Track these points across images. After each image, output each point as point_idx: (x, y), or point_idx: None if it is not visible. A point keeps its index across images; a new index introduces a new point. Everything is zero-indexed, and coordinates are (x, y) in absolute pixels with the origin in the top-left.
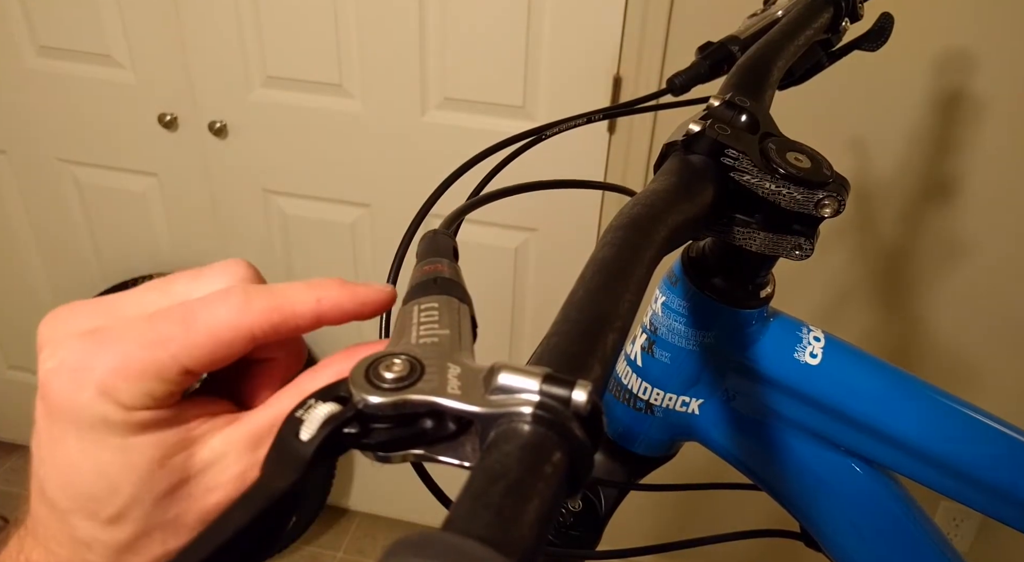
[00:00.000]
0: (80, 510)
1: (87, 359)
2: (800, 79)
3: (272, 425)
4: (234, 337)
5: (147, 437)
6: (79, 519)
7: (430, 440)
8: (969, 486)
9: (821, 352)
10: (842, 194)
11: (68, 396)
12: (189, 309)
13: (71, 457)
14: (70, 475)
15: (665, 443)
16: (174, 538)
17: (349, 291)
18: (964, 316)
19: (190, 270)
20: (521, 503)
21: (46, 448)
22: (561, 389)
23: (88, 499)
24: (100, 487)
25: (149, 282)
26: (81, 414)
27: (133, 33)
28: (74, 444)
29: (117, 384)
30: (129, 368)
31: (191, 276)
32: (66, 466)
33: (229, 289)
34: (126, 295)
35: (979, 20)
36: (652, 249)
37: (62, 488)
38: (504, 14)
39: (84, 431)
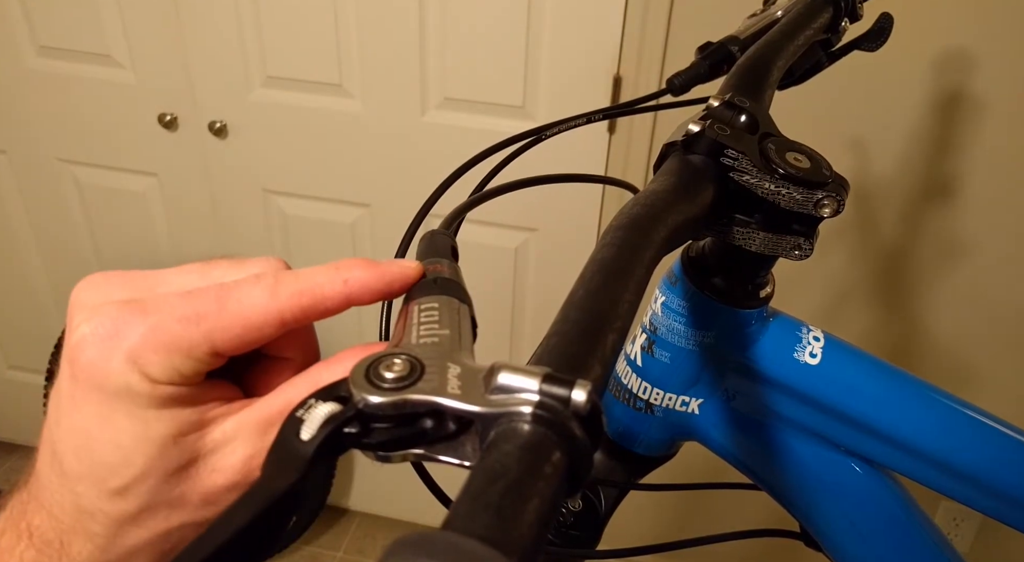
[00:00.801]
0: (89, 477)
1: (120, 328)
2: (800, 79)
3: (282, 412)
4: (265, 320)
5: (166, 413)
6: (86, 487)
7: (430, 440)
8: (969, 486)
9: (821, 352)
10: (841, 194)
11: (97, 362)
12: (223, 289)
13: (89, 423)
14: (86, 441)
15: (665, 443)
16: (177, 515)
17: (376, 270)
18: (964, 316)
19: (232, 258)
20: (521, 503)
21: (65, 411)
22: (561, 389)
23: (100, 467)
24: (114, 457)
25: (189, 265)
26: (107, 381)
27: (133, 33)
28: (94, 410)
29: (147, 356)
30: (160, 341)
31: (232, 264)
32: (83, 431)
33: (260, 274)
34: (164, 272)
35: (978, 20)
36: (652, 249)
37: (75, 452)
38: (504, 14)
39: (107, 399)
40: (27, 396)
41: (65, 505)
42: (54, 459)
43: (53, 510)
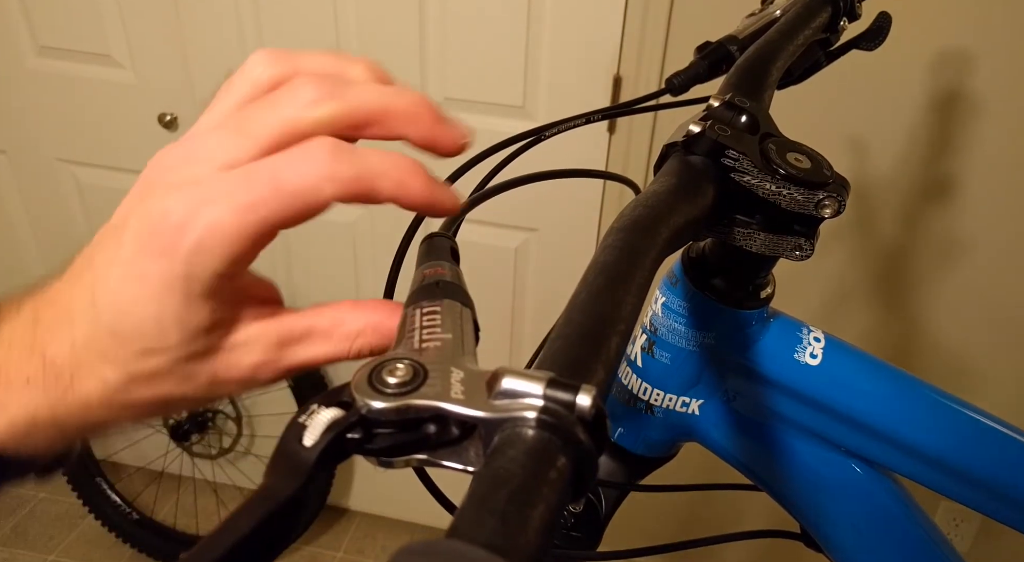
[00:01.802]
0: (120, 331)
1: (189, 217)
2: (799, 78)
3: (303, 333)
4: (317, 201)
5: (210, 304)
6: (113, 337)
7: (433, 445)
8: (969, 486)
9: (821, 352)
10: (842, 194)
11: (164, 243)
12: (276, 171)
13: (138, 292)
14: (131, 307)
15: (665, 444)
16: (183, 387)
17: (428, 188)
18: (964, 316)
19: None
20: (527, 509)
21: (120, 266)
22: (565, 393)
23: (136, 331)
24: (150, 327)
25: (224, 119)
26: (169, 265)
27: (133, 33)
28: (148, 282)
29: (212, 246)
30: (225, 231)
31: (265, 105)
32: (130, 294)
33: (315, 150)
34: (208, 140)
35: (977, 20)
36: (654, 251)
37: (114, 306)
38: (504, 14)
39: (163, 278)
40: None
41: (90, 346)
42: (93, 304)
43: (76, 345)
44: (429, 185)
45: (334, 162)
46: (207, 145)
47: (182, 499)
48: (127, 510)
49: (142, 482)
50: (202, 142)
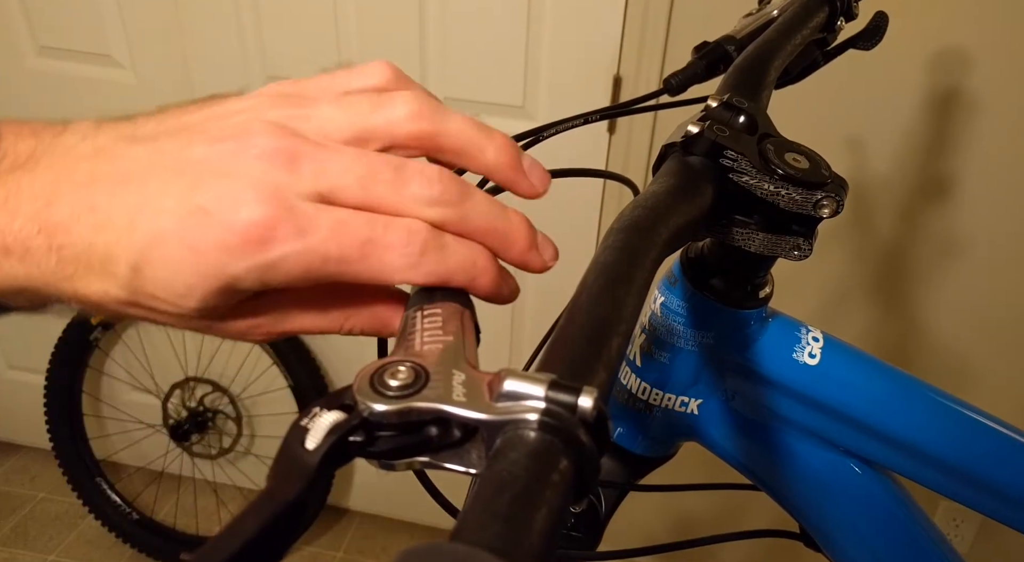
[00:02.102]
0: (143, 275)
1: (271, 233)
2: (796, 78)
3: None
4: (386, 280)
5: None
6: (134, 273)
7: (435, 447)
8: (968, 486)
9: (820, 352)
10: (840, 194)
11: (236, 242)
12: (372, 241)
13: (183, 259)
14: (165, 263)
15: (664, 443)
16: (177, 323)
17: (495, 286)
18: (962, 315)
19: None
20: (530, 512)
21: (181, 224)
22: (567, 396)
23: (158, 282)
24: (174, 290)
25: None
26: (229, 262)
27: (133, 33)
28: (199, 260)
29: (276, 275)
30: (296, 266)
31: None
32: (174, 256)
33: (414, 240)
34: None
35: (974, 19)
36: (654, 251)
37: (150, 253)
38: (504, 14)
39: (215, 267)
40: (27, 396)
41: (107, 263)
42: (129, 228)
43: (92, 251)
44: (496, 283)
45: (422, 258)
46: (332, 159)
47: (182, 499)
48: (127, 510)
49: (142, 482)
50: (329, 154)
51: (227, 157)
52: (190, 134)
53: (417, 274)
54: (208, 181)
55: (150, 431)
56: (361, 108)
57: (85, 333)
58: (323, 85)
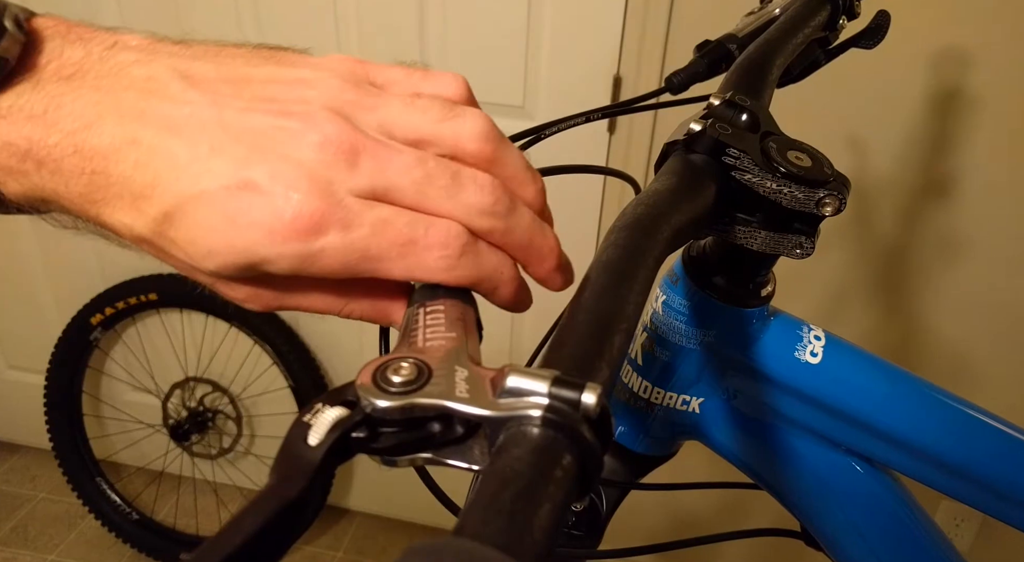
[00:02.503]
0: (173, 218)
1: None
2: (798, 77)
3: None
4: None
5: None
6: (164, 221)
7: (438, 444)
8: (970, 485)
9: (822, 351)
10: (843, 192)
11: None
12: (413, 241)
13: (216, 226)
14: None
15: (666, 442)
16: (187, 273)
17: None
18: (965, 314)
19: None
20: (533, 507)
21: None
22: (570, 392)
23: (184, 240)
24: (198, 252)
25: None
26: (263, 243)
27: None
28: (233, 232)
29: (312, 263)
30: (335, 260)
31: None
32: (207, 223)
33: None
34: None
35: (976, 18)
36: (656, 249)
37: (184, 211)
38: (504, 14)
39: (249, 245)
40: (27, 396)
41: (139, 200)
42: (174, 176)
43: (128, 186)
44: (517, 293)
45: (458, 261)
46: (392, 159)
47: (182, 499)
48: (127, 510)
49: (142, 482)
50: (391, 154)
51: (288, 138)
52: (252, 93)
53: (449, 276)
54: (264, 157)
55: (150, 431)
56: (432, 114)
57: (85, 333)
58: (396, 78)
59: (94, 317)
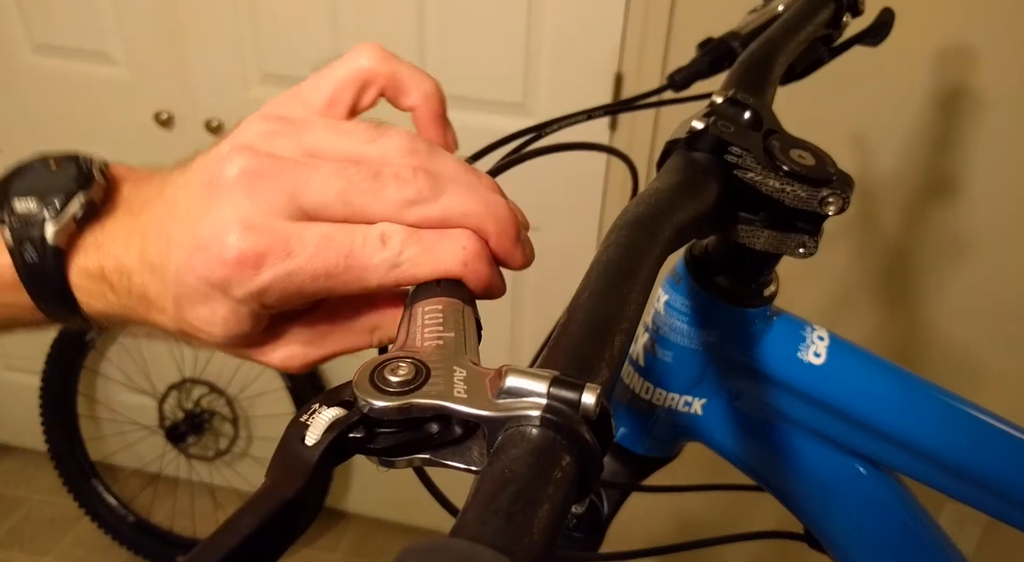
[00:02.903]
0: (180, 302)
1: (265, 258)
2: (801, 75)
3: (327, 330)
4: (378, 287)
5: (260, 321)
6: (174, 303)
7: (436, 444)
8: (975, 487)
9: (825, 352)
10: (846, 191)
11: (232, 279)
12: (353, 254)
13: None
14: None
15: (668, 443)
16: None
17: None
18: (970, 314)
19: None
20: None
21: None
22: (570, 392)
23: (191, 307)
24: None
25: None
26: (230, 293)
27: (129, 30)
28: (211, 302)
29: (272, 295)
30: (288, 288)
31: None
32: (192, 285)
33: (390, 241)
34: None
35: (980, 15)
36: (657, 249)
37: (178, 287)
38: (504, 10)
39: (224, 299)
40: (22, 397)
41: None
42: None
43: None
44: (490, 268)
45: (401, 258)
46: (310, 176)
47: (179, 501)
48: (123, 512)
49: (139, 484)
50: (308, 172)
51: (212, 188)
52: (196, 169)
53: (402, 274)
54: (203, 215)
55: (146, 433)
56: (357, 136)
57: (80, 334)
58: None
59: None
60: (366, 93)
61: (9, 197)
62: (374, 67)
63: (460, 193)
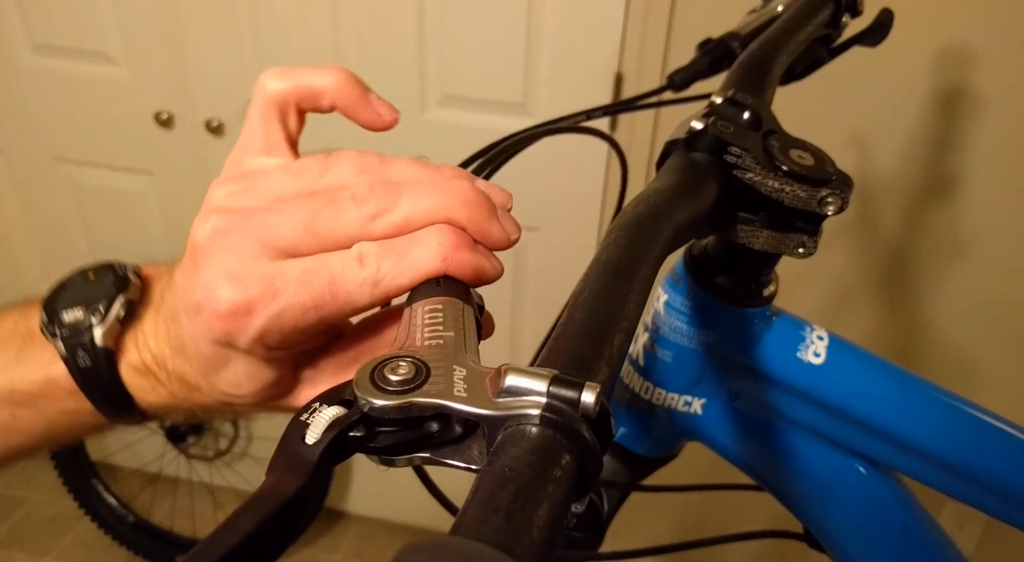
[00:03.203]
0: (208, 375)
1: (253, 306)
2: (800, 75)
3: (352, 359)
4: (369, 305)
5: (276, 365)
6: (203, 377)
7: (436, 443)
8: (975, 487)
9: (825, 351)
10: (845, 191)
11: (231, 331)
12: (335, 282)
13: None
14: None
15: (667, 443)
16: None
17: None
18: (969, 314)
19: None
20: (532, 507)
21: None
22: (569, 391)
23: (219, 375)
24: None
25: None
26: (235, 344)
27: (129, 30)
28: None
29: (271, 336)
30: (283, 326)
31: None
32: (208, 357)
33: (364, 255)
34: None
35: (979, 15)
36: (657, 248)
37: (197, 361)
38: (504, 9)
39: (232, 353)
40: None
41: (191, 375)
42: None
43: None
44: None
45: (379, 274)
46: (274, 218)
47: (179, 501)
48: (123, 512)
49: (138, 484)
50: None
51: (194, 257)
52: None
53: (387, 288)
54: (193, 283)
55: (146, 433)
56: (310, 172)
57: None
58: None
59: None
60: (288, 118)
61: (57, 311)
62: (277, 89)
63: (419, 192)
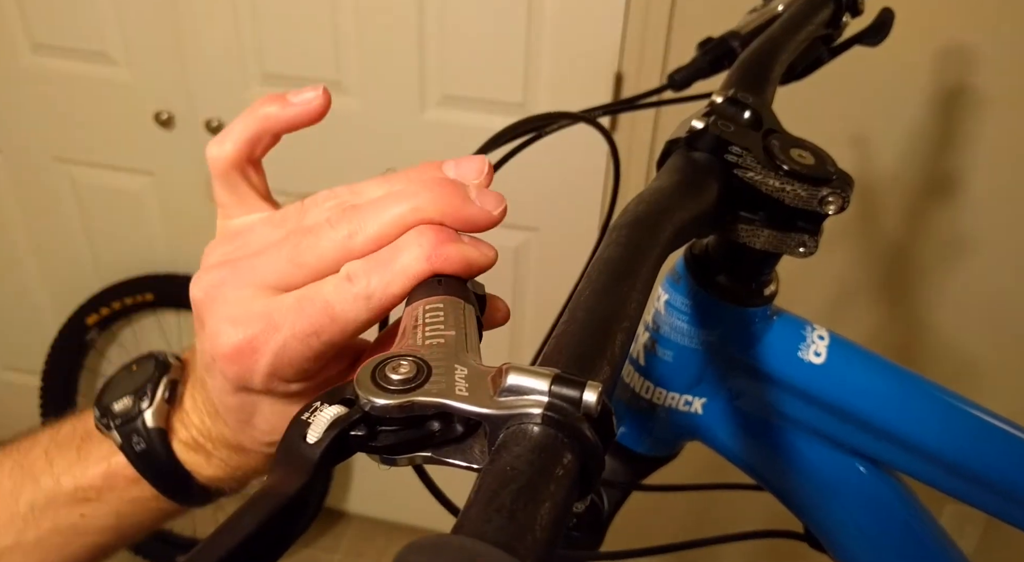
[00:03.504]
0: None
1: (258, 345)
2: (801, 74)
3: None
4: (369, 322)
5: (301, 399)
6: (233, 433)
7: (437, 442)
8: (976, 486)
9: (825, 351)
10: (846, 190)
11: (242, 374)
12: (329, 306)
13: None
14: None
15: (668, 443)
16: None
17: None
18: (970, 314)
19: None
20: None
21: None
22: (571, 390)
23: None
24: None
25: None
26: (251, 386)
27: (129, 30)
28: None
29: (283, 369)
30: (291, 357)
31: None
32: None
33: (353, 274)
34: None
35: (980, 15)
36: (658, 248)
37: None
38: (504, 9)
39: (253, 396)
40: (22, 397)
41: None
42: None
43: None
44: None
45: (369, 289)
46: (261, 257)
47: None
48: None
49: None
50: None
51: (198, 318)
52: None
53: (382, 300)
54: (202, 341)
55: None
56: (289, 222)
57: (80, 334)
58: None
59: (90, 318)
60: (248, 174)
61: (108, 405)
62: (223, 155)
63: (387, 201)
